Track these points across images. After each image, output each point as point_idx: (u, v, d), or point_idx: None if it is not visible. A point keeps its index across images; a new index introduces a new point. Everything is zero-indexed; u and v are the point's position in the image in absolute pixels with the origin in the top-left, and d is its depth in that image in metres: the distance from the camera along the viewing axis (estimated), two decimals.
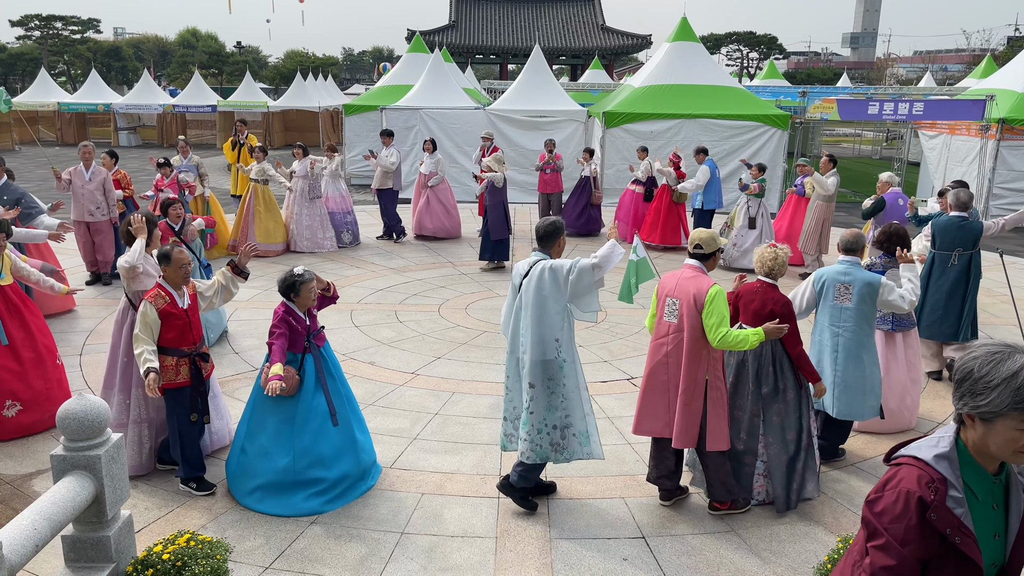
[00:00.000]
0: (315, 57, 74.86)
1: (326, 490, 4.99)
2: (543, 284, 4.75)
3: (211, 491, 5.17)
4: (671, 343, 4.84)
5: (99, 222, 10.17)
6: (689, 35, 17.39)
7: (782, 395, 5.00)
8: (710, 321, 4.61)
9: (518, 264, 4.97)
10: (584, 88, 29.42)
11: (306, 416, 4.99)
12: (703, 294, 4.65)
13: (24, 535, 3.09)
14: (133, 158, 26.47)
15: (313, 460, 4.97)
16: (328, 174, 12.89)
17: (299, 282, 4.98)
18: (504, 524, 4.86)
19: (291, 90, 34.18)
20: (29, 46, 68.00)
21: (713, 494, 4.98)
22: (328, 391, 5.08)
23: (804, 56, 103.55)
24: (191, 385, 5.07)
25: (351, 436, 5.19)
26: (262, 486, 4.97)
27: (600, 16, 52.90)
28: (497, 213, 11.17)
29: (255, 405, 5.10)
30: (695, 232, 4.90)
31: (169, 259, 5.01)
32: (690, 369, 4.76)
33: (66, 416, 3.54)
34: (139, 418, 5.35)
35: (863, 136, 37.86)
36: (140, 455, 5.37)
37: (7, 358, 5.91)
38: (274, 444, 4.97)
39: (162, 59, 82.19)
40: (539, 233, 4.88)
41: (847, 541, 3.76)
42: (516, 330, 4.91)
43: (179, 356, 5.01)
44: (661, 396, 4.91)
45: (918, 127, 19.78)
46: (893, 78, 63.25)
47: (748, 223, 11.49)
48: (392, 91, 21.43)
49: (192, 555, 3.58)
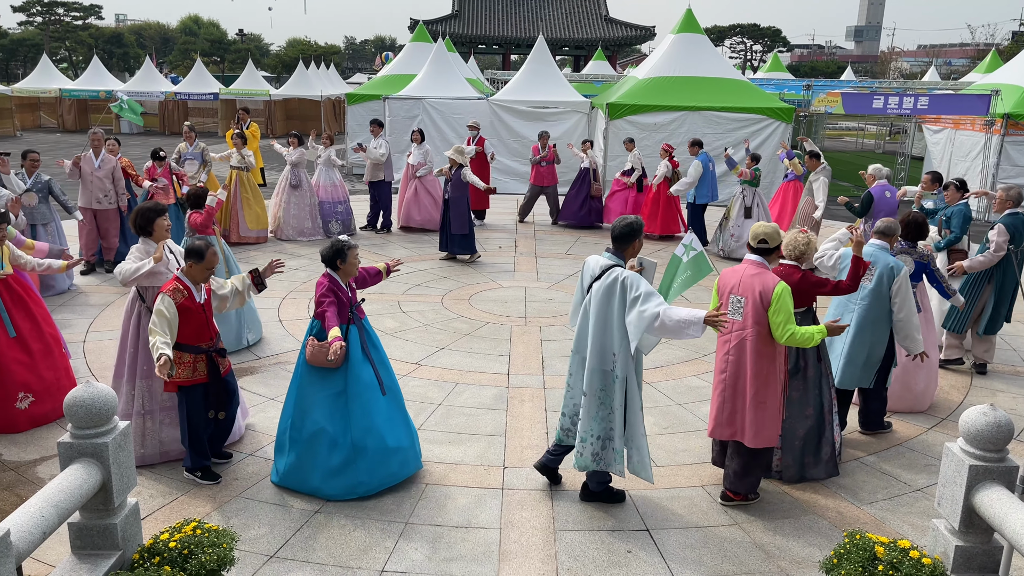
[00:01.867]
0: (317, 45, 74.64)
1: (387, 461, 4.96)
2: (612, 295, 4.60)
3: (217, 481, 5.17)
4: (734, 340, 4.82)
5: (106, 210, 10.15)
6: (693, 27, 17.31)
7: (802, 372, 5.16)
8: (777, 319, 4.59)
9: (589, 260, 4.86)
10: (587, 79, 29.34)
11: (356, 387, 4.93)
12: (769, 291, 4.63)
13: (31, 522, 3.08)
14: (135, 145, 26.40)
15: (368, 430, 4.92)
16: (322, 162, 12.86)
17: (346, 248, 4.91)
18: (508, 515, 4.86)
19: (293, 79, 34.08)
20: (31, 32, 67.76)
21: (736, 486, 5.00)
22: (374, 362, 5.04)
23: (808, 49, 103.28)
24: (208, 382, 5.02)
25: (401, 405, 5.20)
26: (327, 469, 4.90)
27: (604, 7, 52.67)
28: (460, 207, 11.09)
29: (301, 384, 5.02)
30: (757, 226, 4.89)
31: (202, 257, 4.91)
32: (759, 367, 4.73)
33: (73, 404, 3.53)
34: (143, 409, 5.33)
35: (866, 130, 37.77)
36: (143, 446, 5.35)
37: (16, 350, 5.87)
38: (329, 420, 4.90)
39: (164, 46, 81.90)
40: (615, 233, 4.72)
41: (853, 536, 3.76)
42: (583, 330, 4.81)
43: (196, 353, 4.96)
44: (719, 393, 4.93)
45: (922, 121, 19.72)
46: (897, 72, 63.06)
47: (744, 213, 11.73)
48: (395, 80, 21.35)
49: (198, 543, 3.58)
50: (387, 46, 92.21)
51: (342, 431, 4.91)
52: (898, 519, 4.94)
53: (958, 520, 3.63)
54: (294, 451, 5.00)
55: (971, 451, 3.60)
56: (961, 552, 3.65)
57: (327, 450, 4.92)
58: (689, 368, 7.42)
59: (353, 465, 4.92)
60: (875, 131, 36.16)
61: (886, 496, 5.21)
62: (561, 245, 12.71)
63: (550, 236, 13.41)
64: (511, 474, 5.37)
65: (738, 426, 4.85)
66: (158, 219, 5.53)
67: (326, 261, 4.95)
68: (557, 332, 8.37)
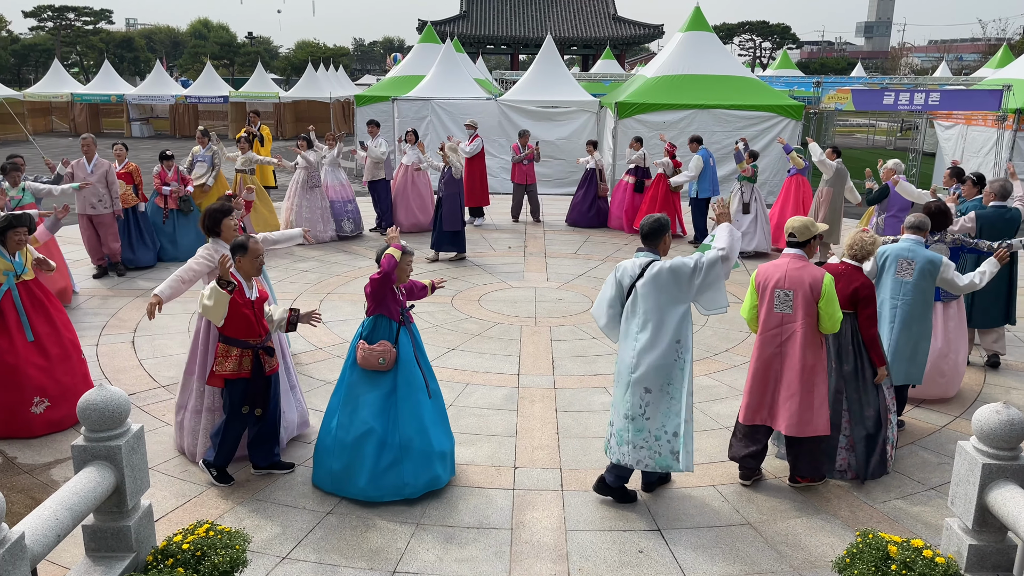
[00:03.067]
0: (326, 48, 74.91)
1: (431, 463, 4.96)
2: (662, 285, 4.64)
3: (229, 483, 5.19)
4: (785, 333, 4.93)
5: (102, 215, 10.07)
6: (702, 25, 17.26)
7: (860, 373, 5.29)
8: (830, 308, 4.77)
9: (624, 264, 4.87)
10: (596, 78, 29.28)
11: (406, 389, 4.94)
12: (819, 283, 4.79)
13: (46, 525, 3.11)
14: (146, 149, 26.55)
15: (417, 432, 4.92)
16: (328, 163, 12.89)
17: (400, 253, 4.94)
18: (519, 515, 4.87)
19: (302, 81, 34.20)
20: (42, 37, 68.29)
21: (801, 470, 5.15)
22: (422, 365, 5.06)
23: (818, 46, 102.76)
24: (250, 378, 5.02)
25: (443, 410, 5.22)
26: (374, 470, 4.90)
27: (612, 6, 52.60)
28: (452, 204, 11.10)
29: (350, 384, 5.02)
30: (790, 221, 5.02)
31: (246, 249, 4.94)
32: (806, 358, 4.87)
33: (87, 407, 3.55)
34: (211, 406, 5.38)
35: (877, 126, 37.55)
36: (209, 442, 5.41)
37: (34, 354, 5.89)
38: (378, 420, 4.91)
39: (174, 50, 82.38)
40: (644, 231, 4.80)
41: (866, 535, 3.74)
42: (627, 332, 4.81)
43: (243, 347, 4.95)
44: (771, 385, 5.03)
45: (934, 117, 19.59)
46: (908, 68, 62.70)
47: (742, 208, 11.90)
48: (403, 82, 21.41)
49: (211, 545, 3.60)
50: (395, 47, 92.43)
51: (391, 431, 4.92)
52: (911, 518, 4.91)
53: (971, 519, 3.61)
54: (342, 453, 4.96)
55: (984, 449, 3.58)
56: (975, 551, 3.64)
57: (375, 450, 4.90)
58: (700, 368, 7.40)
59: (400, 466, 4.90)
60: (886, 127, 35.96)
61: (899, 495, 5.18)
62: (571, 245, 12.70)
63: (560, 236, 13.40)
64: (522, 474, 5.38)
65: (787, 415, 4.96)
66: (225, 220, 5.53)
67: (379, 263, 4.97)
68: (567, 332, 8.36)
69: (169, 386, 6.80)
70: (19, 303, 5.86)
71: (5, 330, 5.81)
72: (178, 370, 7.15)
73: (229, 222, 5.57)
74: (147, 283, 10.00)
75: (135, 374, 7.07)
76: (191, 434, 5.49)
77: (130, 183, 10.48)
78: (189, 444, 5.52)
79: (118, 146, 10.54)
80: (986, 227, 7.23)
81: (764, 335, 5.03)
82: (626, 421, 4.80)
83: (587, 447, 5.78)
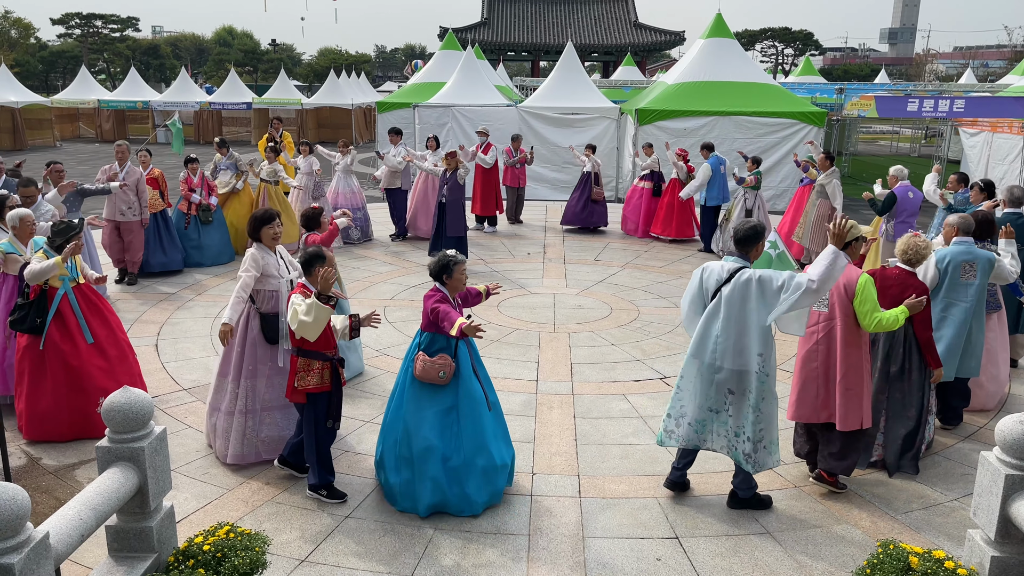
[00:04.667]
0: (348, 54, 75.54)
1: (494, 478, 4.94)
2: (748, 295, 4.66)
3: (343, 499, 5.08)
4: (821, 331, 5.07)
5: (130, 222, 10.15)
6: (724, 31, 17.23)
7: (907, 375, 5.46)
8: (864, 308, 4.87)
9: (711, 266, 4.91)
10: (616, 85, 29.31)
11: (467, 404, 4.90)
12: (853, 283, 4.91)
13: (70, 525, 3.16)
14: (170, 155, 26.85)
15: (480, 448, 4.88)
16: (340, 170, 12.96)
17: (452, 263, 4.89)
18: (537, 521, 4.87)
19: (324, 87, 34.51)
20: (70, 44, 69.37)
21: (832, 467, 5.19)
22: (480, 378, 5.02)
23: (841, 52, 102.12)
24: (331, 391, 4.95)
25: (503, 422, 5.19)
26: (438, 488, 4.84)
27: (633, 12, 52.61)
28: (456, 210, 11.12)
29: (409, 400, 4.94)
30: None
31: (323, 259, 4.90)
32: (847, 355, 4.97)
33: (111, 408, 3.61)
34: (245, 408, 5.40)
35: (901, 133, 37.20)
36: (242, 444, 5.44)
37: (95, 356, 5.96)
38: (440, 437, 4.84)
39: (199, 57, 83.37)
40: (738, 236, 4.83)
41: (886, 545, 3.70)
42: (706, 334, 4.84)
43: (323, 360, 4.87)
44: (812, 382, 5.13)
45: (958, 124, 19.40)
46: (932, 74, 62.08)
47: (745, 215, 12.00)
48: (425, 88, 21.51)
49: (232, 547, 3.63)
50: (417, 54, 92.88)
51: (454, 448, 4.85)
52: (933, 529, 4.86)
53: (994, 530, 3.57)
54: (404, 468, 4.92)
55: (1007, 460, 3.55)
56: (997, 563, 3.59)
57: (438, 467, 4.84)
58: None
59: (464, 484, 4.86)
60: (910, 134, 35.61)
61: (921, 506, 5.12)
62: (590, 252, 12.70)
63: (579, 243, 13.40)
64: (540, 480, 5.38)
65: (831, 410, 5.06)
66: (264, 227, 5.47)
67: (433, 276, 4.94)
68: (586, 339, 8.36)
69: (192, 389, 6.87)
70: (76, 307, 5.94)
71: (66, 334, 5.87)
72: (200, 373, 7.23)
73: (268, 230, 5.49)
74: (168, 288, 10.12)
75: (158, 377, 7.15)
76: (223, 436, 5.52)
77: (156, 188, 10.61)
78: (221, 446, 5.55)
79: (142, 153, 10.67)
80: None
81: (806, 331, 5.17)
82: (710, 413, 4.90)
83: (605, 454, 5.77)
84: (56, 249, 5.86)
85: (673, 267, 11.73)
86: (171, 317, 8.90)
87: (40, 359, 5.84)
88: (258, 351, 5.43)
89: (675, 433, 5.03)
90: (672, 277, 11.11)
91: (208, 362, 7.54)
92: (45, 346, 5.82)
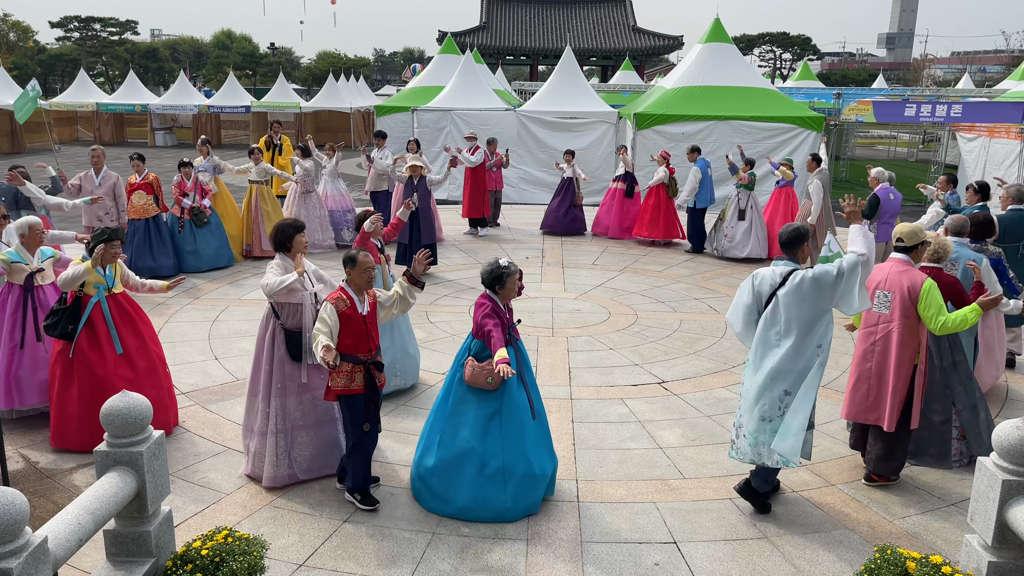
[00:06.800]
0: (347, 58, 75.62)
1: (532, 487, 4.92)
2: (805, 293, 4.71)
3: (374, 507, 5.04)
4: (880, 332, 5.22)
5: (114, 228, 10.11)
6: (722, 36, 17.27)
7: (959, 366, 5.66)
8: (929, 312, 4.99)
9: (762, 272, 4.94)
10: (615, 89, 29.35)
11: (512, 411, 4.89)
12: (917, 287, 5.05)
13: (69, 529, 3.16)
14: (169, 158, 26.87)
15: (520, 456, 4.87)
16: (327, 173, 12.97)
17: (506, 274, 4.91)
18: (535, 526, 4.87)
19: (323, 91, 34.53)
20: (68, 47, 69.41)
21: (881, 468, 5.35)
22: (527, 385, 4.99)
23: (839, 57, 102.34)
24: (364, 393, 4.91)
25: (547, 431, 5.17)
26: (475, 492, 4.85)
27: (631, 17, 52.69)
28: (427, 216, 11.15)
29: (456, 400, 4.96)
30: (897, 227, 5.29)
31: (355, 263, 4.87)
32: (901, 357, 5.12)
33: (110, 413, 3.61)
34: (277, 428, 5.26)
35: (899, 138, 37.30)
36: (276, 466, 5.27)
37: (123, 367, 5.88)
38: (480, 441, 4.85)
39: (198, 60, 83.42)
40: (783, 240, 4.92)
41: (884, 551, 3.71)
42: (765, 340, 4.87)
43: (355, 363, 4.82)
44: (864, 381, 5.30)
45: (956, 129, 19.44)
46: (930, 79, 62.25)
47: (738, 215, 12.29)
48: (423, 92, 21.56)
49: (230, 551, 3.64)
50: (416, 58, 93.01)
51: (493, 454, 4.85)
52: (930, 534, 4.86)
53: (991, 535, 3.58)
54: (443, 470, 4.92)
55: (1004, 466, 3.56)
56: (994, 568, 3.60)
57: (475, 471, 4.85)
58: (717, 380, 7.38)
59: (501, 490, 4.85)
60: (908, 139, 35.71)
61: (919, 511, 5.13)
62: (588, 256, 12.71)
63: (577, 247, 13.42)
64: None
65: (880, 413, 5.21)
66: (297, 235, 5.41)
67: (486, 285, 4.94)
68: (584, 343, 8.37)
69: (190, 393, 6.87)
70: (108, 316, 5.86)
71: (95, 343, 5.81)
72: (198, 377, 7.23)
73: (300, 238, 5.42)
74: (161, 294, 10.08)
75: None
76: (259, 458, 5.36)
77: (150, 193, 10.56)
78: (256, 469, 5.38)
79: (135, 161, 10.57)
80: (1010, 229, 7.48)
81: (862, 332, 5.34)
82: (763, 423, 4.88)
83: (603, 458, 5.78)
84: (91, 252, 5.81)
85: (671, 271, 11.75)
86: (168, 322, 8.89)
87: (69, 366, 5.80)
88: (286, 368, 5.30)
89: (735, 444, 5.06)
90: (670, 281, 11.13)
91: (206, 366, 7.55)
92: (74, 353, 5.76)
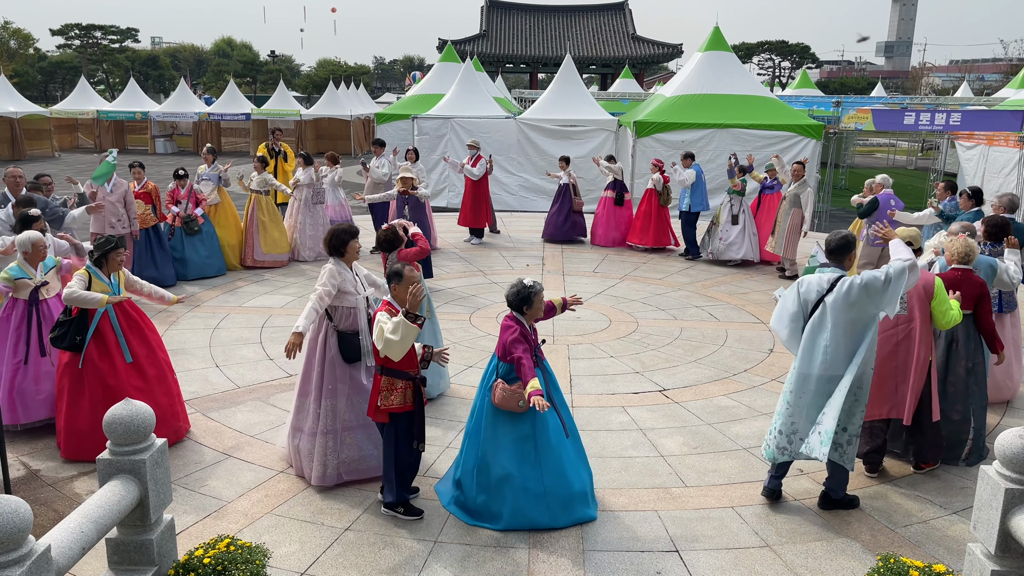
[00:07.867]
0: (347, 66, 75.86)
1: (572, 508, 4.92)
2: (853, 299, 4.76)
3: (419, 516, 5.03)
4: (902, 333, 5.43)
5: (119, 235, 10.05)
6: (721, 44, 17.33)
7: (976, 367, 5.86)
8: (942, 307, 5.29)
9: (809, 279, 4.98)
10: (614, 97, 29.44)
11: (545, 432, 4.88)
12: (931, 285, 5.34)
13: (71, 538, 3.15)
14: (169, 166, 26.89)
15: (559, 477, 4.87)
16: (328, 183, 12.98)
17: (532, 293, 4.89)
18: (536, 535, 4.86)
19: (323, 99, 34.63)
20: (69, 55, 69.62)
21: (926, 456, 5.63)
22: (556, 404, 4.93)
23: (837, 65, 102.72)
24: (413, 410, 4.87)
25: (580, 447, 5.17)
26: (515, 511, 4.85)
27: (631, 25, 52.89)
28: (423, 229, 11.14)
29: (487, 425, 4.94)
30: (899, 230, 5.42)
31: (401, 277, 4.81)
32: (920, 354, 5.36)
33: (112, 421, 3.61)
34: (327, 428, 5.29)
35: (897, 146, 37.38)
36: (326, 466, 5.31)
37: (133, 376, 5.85)
38: (518, 466, 4.83)
39: (198, 68, 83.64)
40: (831, 247, 5.02)
41: (887, 560, 3.71)
42: (813, 346, 4.90)
43: (406, 379, 4.79)
44: (890, 381, 5.47)
45: (955, 138, 19.50)
46: (929, 88, 62.44)
47: (731, 219, 12.53)
48: (423, 100, 21.62)
49: (232, 559, 3.63)
50: (416, 66, 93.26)
51: (532, 478, 4.85)
52: (933, 543, 4.86)
53: (994, 544, 3.58)
54: (481, 492, 4.94)
55: (1007, 474, 3.55)
56: None
57: (514, 495, 4.85)
58: (718, 388, 7.38)
59: (541, 509, 4.86)
60: (907, 147, 35.78)
61: (921, 519, 5.13)
62: (589, 263, 12.73)
63: (578, 255, 13.43)
64: None
65: (901, 405, 5.42)
66: (351, 241, 5.39)
67: (513, 307, 4.91)
68: (584, 351, 8.37)
69: (191, 400, 6.86)
70: (116, 324, 5.84)
71: (105, 352, 5.78)
72: (200, 385, 7.23)
73: (354, 244, 5.40)
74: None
75: None
76: (307, 458, 5.39)
77: (149, 202, 10.55)
78: (305, 467, 5.42)
79: (136, 168, 10.56)
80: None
81: (881, 335, 5.39)
82: (814, 425, 4.94)
83: (605, 466, 5.77)
84: (96, 263, 5.78)
85: (671, 279, 11.76)
86: (169, 329, 8.89)
87: (79, 377, 5.76)
88: (337, 370, 5.30)
89: (788, 449, 5.05)
90: (671, 289, 11.13)
91: (207, 374, 7.54)
92: (84, 364, 5.72)
